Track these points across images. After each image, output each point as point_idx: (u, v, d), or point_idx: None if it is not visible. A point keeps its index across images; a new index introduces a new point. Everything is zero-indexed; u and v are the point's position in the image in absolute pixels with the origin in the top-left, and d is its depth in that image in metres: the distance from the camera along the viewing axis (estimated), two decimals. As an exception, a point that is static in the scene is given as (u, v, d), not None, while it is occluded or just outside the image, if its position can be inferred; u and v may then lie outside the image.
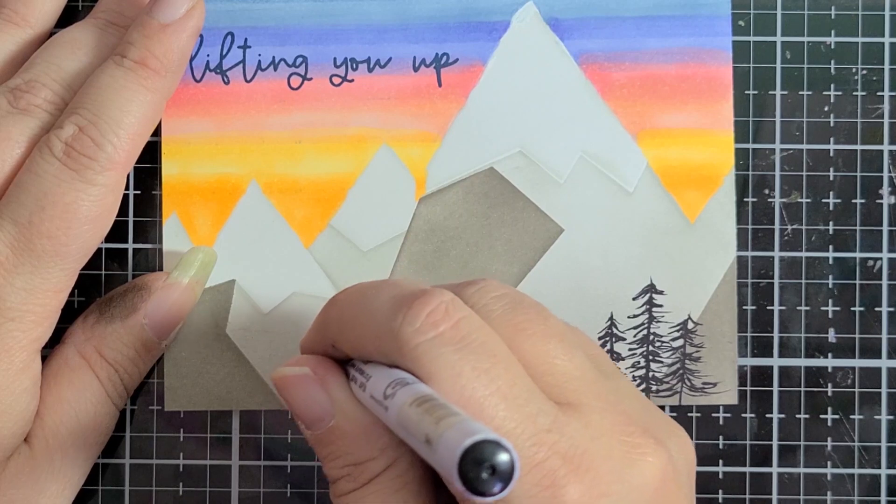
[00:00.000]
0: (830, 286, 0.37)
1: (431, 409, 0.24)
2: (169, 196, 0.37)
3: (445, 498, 0.28)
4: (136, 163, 0.36)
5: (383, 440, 0.28)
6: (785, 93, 0.37)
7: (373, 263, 0.37)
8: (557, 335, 0.28)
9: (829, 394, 0.37)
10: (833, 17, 0.38)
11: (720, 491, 0.37)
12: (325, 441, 0.29)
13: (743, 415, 0.37)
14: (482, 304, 0.28)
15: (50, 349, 0.35)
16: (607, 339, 0.37)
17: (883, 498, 0.37)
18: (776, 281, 0.37)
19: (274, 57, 0.37)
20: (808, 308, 0.37)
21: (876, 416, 0.37)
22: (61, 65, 0.35)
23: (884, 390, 0.37)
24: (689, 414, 0.37)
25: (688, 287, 0.37)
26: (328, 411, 0.28)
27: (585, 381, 0.28)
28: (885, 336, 0.37)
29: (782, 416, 0.37)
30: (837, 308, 0.37)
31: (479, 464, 0.22)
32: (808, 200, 0.37)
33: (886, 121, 0.37)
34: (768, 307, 0.37)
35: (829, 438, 0.37)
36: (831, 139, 0.37)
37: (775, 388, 0.37)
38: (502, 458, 0.22)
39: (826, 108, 0.37)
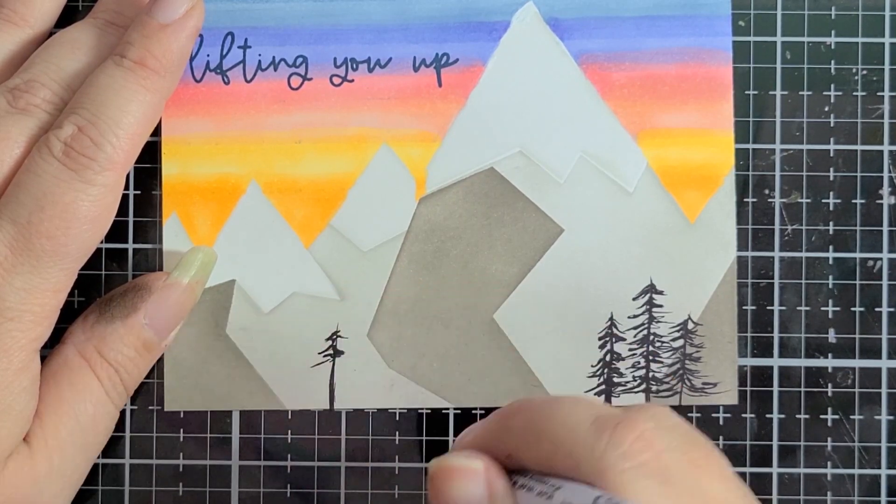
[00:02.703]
0: (830, 286, 0.37)
1: None
2: (169, 196, 0.37)
3: None
4: (136, 163, 0.36)
5: None
6: (785, 93, 0.37)
7: (373, 263, 0.37)
8: (731, 476, 0.28)
9: (829, 394, 0.37)
10: (833, 17, 0.38)
11: (720, 491, 0.37)
12: None
13: (743, 415, 0.37)
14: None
15: (50, 349, 0.35)
16: (607, 339, 0.37)
17: (883, 498, 0.37)
18: (776, 281, 0.37)
19: (274, 57, 0.37)
20: (808, 308, 0.37)
21: (876, 417, 0.37)
22: (60, 65, 0.35)
23: (884, 390, 0.37)
24: (689, 414, 0.37)
25: (688, 287, 0.37)
26: None
27: None
28: (885, 336, 0.37)
29: (782, 416, 0.37)
30: (837, 308, 0.37)
31: None
32: (808, 200, 0.37)
33: (886, 121, 0.37)
34: (768, 307, 0.37)
35: (829, 439, 0.37)
36: (831, 139, 0.37)
37: (775, 389, 0.37)
38: None
39: (826, 109, 0.37)
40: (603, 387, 0.37)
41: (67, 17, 0.37)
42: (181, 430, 0.37)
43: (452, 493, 0.28)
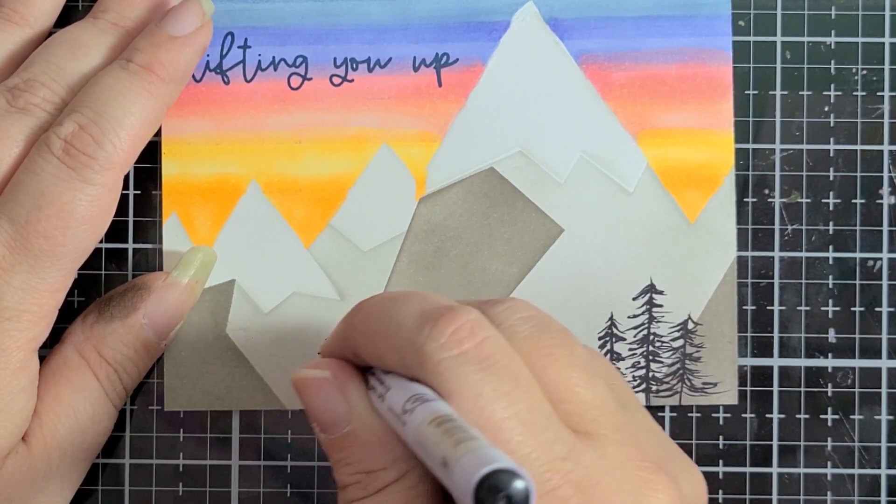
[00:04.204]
0: (830, 286, 0.37)
1: (450, 430, 0.24)
2: (169, 196, 0.37)
3: None
4: (136, 163, 0.36)
5: (397, 451, 0.28)
6: (785, 93, 0.38)
7: (373, 263, 0.37)
8: (581, 363, 0.28)
9: (829, 394, 0.37)
10: (833, 17, 0.38)
11: (720, 491, 0.37)
12: (339, 446, 0.28)
13: (743, 415, 0.37)
14: (508, 323, 0.28)
15: (49, 349, 0.35)
16: (607, 339, 0.37)
17: (883, 498, 0.37)
18: (776, 281, 0.37)
19: (274, 57, 0.37)
20: (808, 308, 0.37)
21: (876, 416, 0.37)
22: (60, 64, 0.35)
23: (884, 390, 0.37)
24: (689, 414, 0.37)
25: (688, 287, 0.37)
26: (344, 417, 0.28)
27: (604, 412, 0.28)
28: (885, 336, 0.37)
29: (782, 416, 0.37)
30: (837, 308, 0.37)
31: (494, 492, 0.22)
32: (808, 200, 0.37)
33: (886, 121, 0.37)
34: (768, 307, 0.37)
35: (829, 438, 0.37)
36: (831, 139, 0.37)
37: (775, 388, 0.37)
38: (518, 487, 0.22)
39: (826, 108, 0.37)
40: (603, 387, 0.37)
41: (67, 17, 0.37)
42: (181, 430, 0.37)
43: (312, 402, 0.29)
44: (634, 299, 0.37)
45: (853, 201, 0.37)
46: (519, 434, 0.26)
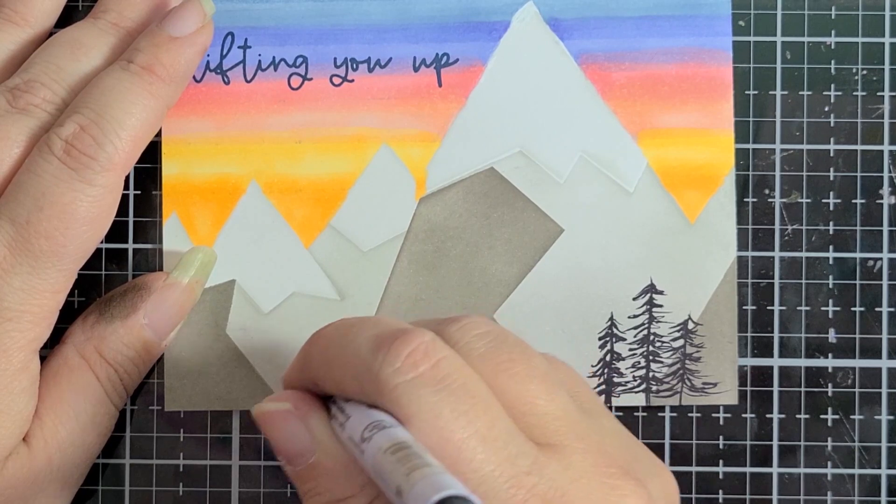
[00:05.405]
0: (830, 286, 0.37)
1: (405, 458, 0.24)
2: (169, 196, 0.37)
3: None
4: (137, 163, 0.36)
5: (363, 477, 0.27)
6: (785, 93, 0.38)
7: (373, 263, 0.37)
8: (540, 375, 0.28)
9: (830, 394, 0.37)
10: (833, 17, 0.38)
11: (720, 491, 0.37)
12: (306, 477, 0.28)
13: (743, 415, 0.37)
14: (465, 341, 0.28)
15: (50, 349, 0.35)
16: (607, 339, 0.37)
17: (883, 498, 0.37)
18: (776, 281, 0.37)
19: (274, 57, 0.37)
20: (808, 308, 0.37)
21: (876, 417, 0.37)
22: (61, 65, 0.35)
23: (884, 390, 0.37)
24: (689, 414, 0.37)
25: (688, 287, 0.37)
26: (309, 448, 0.28)
27: (566, 422, 0.28)
28: (885, 336, 0.37)
29: (782, 416, 0.37)
30: (837, 308, 0.37)
31: None
32: (808, 200, 0.37)
33: (886, 121, 0.37)
34: (768, 307, 0.37)
35: (829, 438, 0.37)
36: (831, 139, 0.37)
37: (775, 389, 0.37)
38: None
39: (826, 108, 0.37)
40: (603, 387, 0.37)
41: (67, 17, 0.37)
42: (181, 430, 0.37)
43: (275, 435, 0.29)
44: (634, 299, 0.37)
45: (853, 201, 0.37)
46: (480, 452, 0.26)
